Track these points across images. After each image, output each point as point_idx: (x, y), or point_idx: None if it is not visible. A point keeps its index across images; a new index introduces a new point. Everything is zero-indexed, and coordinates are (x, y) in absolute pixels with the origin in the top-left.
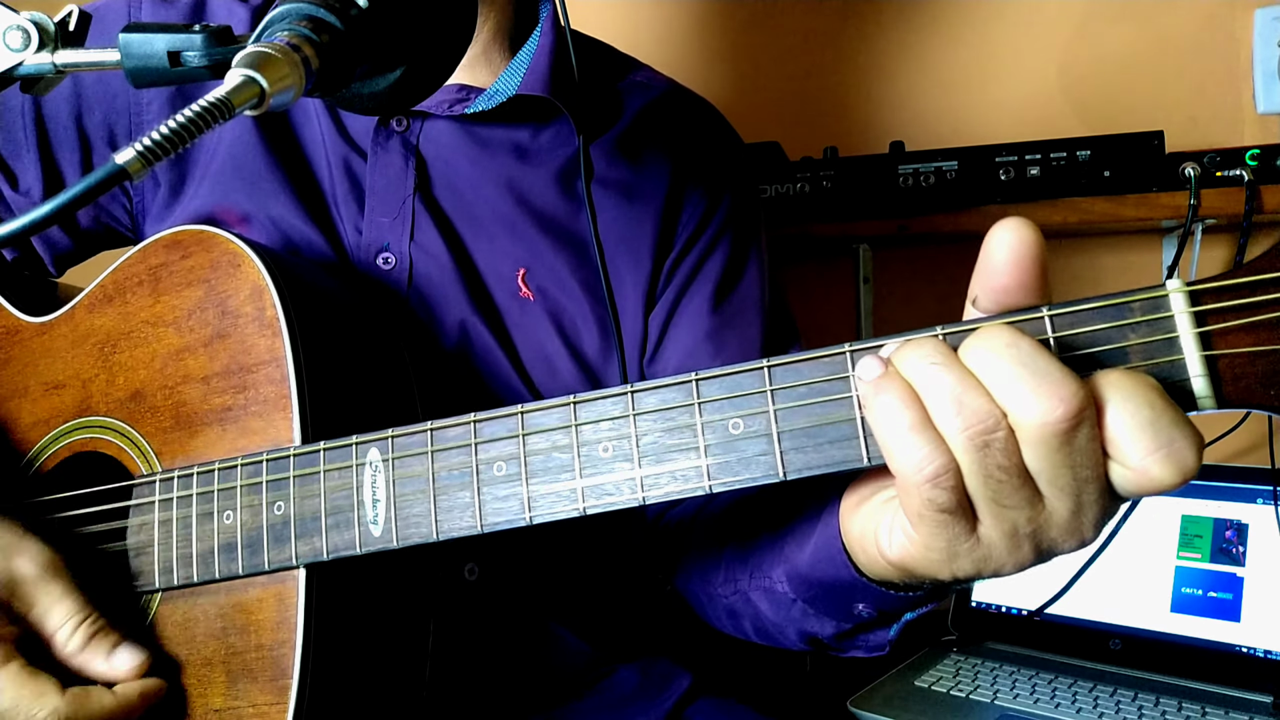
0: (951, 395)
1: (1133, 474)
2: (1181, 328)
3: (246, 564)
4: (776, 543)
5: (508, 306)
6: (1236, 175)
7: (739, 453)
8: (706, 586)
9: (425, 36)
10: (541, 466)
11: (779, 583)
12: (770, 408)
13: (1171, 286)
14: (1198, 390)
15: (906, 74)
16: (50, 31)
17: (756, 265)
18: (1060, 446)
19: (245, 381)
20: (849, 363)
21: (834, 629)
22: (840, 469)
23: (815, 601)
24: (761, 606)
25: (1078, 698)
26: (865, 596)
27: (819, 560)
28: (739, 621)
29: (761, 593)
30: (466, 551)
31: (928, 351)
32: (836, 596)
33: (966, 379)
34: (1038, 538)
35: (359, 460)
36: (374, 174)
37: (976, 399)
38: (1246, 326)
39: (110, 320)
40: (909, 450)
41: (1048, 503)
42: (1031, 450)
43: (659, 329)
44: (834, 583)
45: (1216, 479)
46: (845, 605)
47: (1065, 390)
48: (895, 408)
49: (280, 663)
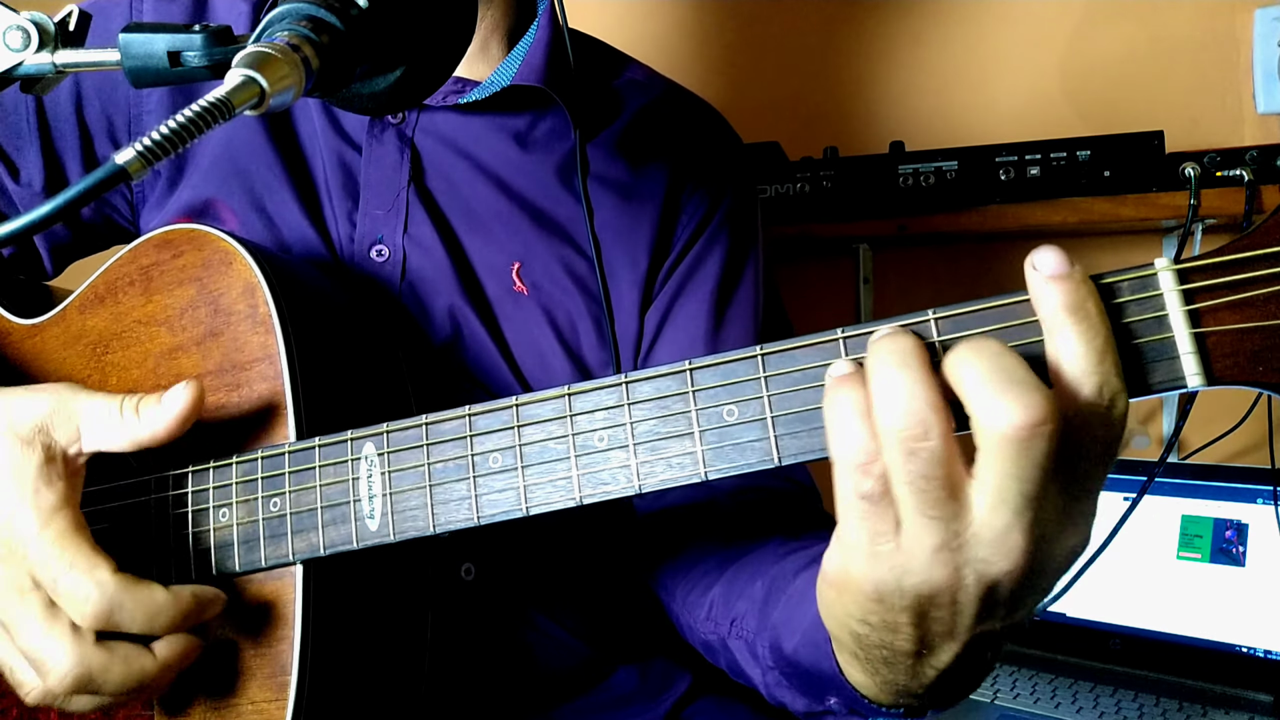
0: (890, 393)
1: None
2: (1170, 306)
3: (243, 561)
4: (764, 604)
5: (501, 300)
6: (1236, 175)
7: (733, 439)
8: (688, 616)
9: (425, 36)
10: (537, 457)
11: (760, 648)
12: (764, 394)
13: (1160, 265)
14: (1187, 368)
15: (906, 74)
16: (50, 31)
17: (753, 268)
18: (1016, 456)
19: (239, 379)
20: (842, 348)
21: (804, 707)
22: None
23: (791, 678)
24: (739, 657)
25: (1078, 698)
26: (839, 693)
27: (803, 645)
28: (714, 656)
29: (742, 644)
30: (463, 552)
31: (893, 348)
32: (812, 682)
33: (916, 384)
34: (964, 554)
35: (354, 455)
36: (369, 166)
37: (913, 403)
38: (1235, 304)
39: (102, 321)
40: (846, 436)
41: (976, 518)
42: (987, 456)
43: (654, 328)
44: (813, 671)
45: (1216, 479)
46: (819, 692)
47: (1031, 399)
48: (846, 398)
49: (279, 659)
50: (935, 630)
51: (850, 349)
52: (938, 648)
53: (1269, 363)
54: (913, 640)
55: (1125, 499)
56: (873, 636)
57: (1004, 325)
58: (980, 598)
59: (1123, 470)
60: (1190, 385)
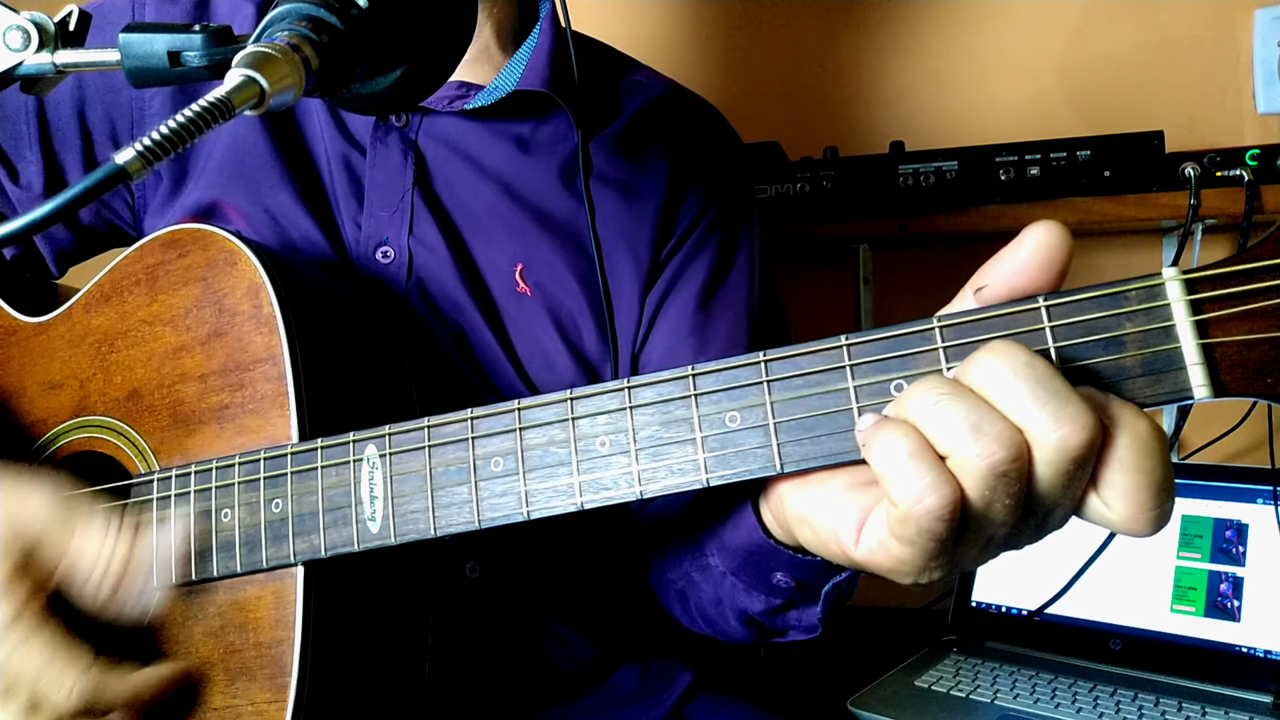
0: (968, 423)
1: (1114, 517)
2: (1178, 316)
3: (245, 562)
4: (716, 524)
5: (505, 302)
6: (1236, 175)
7: (736, 445)
8: (663, 574)
9: (425, 36)
10: (539, 461)
11: (711, 556)
12: (767, 400)
13: (1168, 275)
14: (1194, 379)
15: (906, 74)
16: (50, 31)
17: (745, 265)
18: (1069, 471)
19: (242, 379)
20: (845, 355)
21: (763, 604)
22: (837, 460)
23: (739, 573)
24: (702, 586)
25: (1078, 698)
26: (779, 563)
27: (736, 526)
28: (687, 605)
29: (700, 571)
30: (468, 550)
31: (931, 386)
32: (756, 564)
33: (981, 405)
34: (995, 543)
35: (356, 457)
36: (373, 169)
37: (996, 424)
38: (1244, 314)
39: (107, 320)
40: (909, 478)
41: (1025, 518)
42: (1040, 472)
43: (648, 321)
44: (749, 547)
45: (1216, 479)
46: (765, 574)
47: (1086, 418)
48: (894, 439)
49: (279, 660)
50: (936, 575)
51: (854, 355)
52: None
53: (1276, 375)
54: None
55: None
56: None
57: (1011, 333)
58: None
59: None
60: (1197, 397)
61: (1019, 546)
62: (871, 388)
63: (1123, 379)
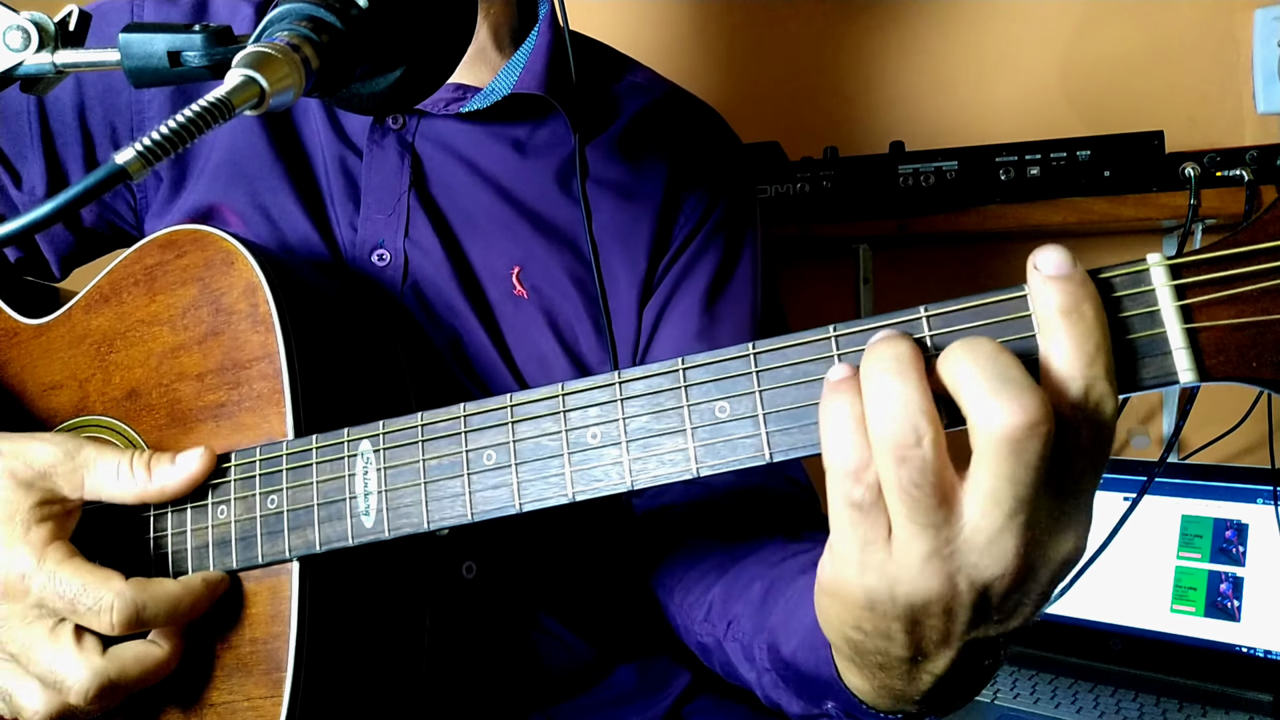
0: (883, 400)
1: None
2: (1163, 301)
3: (241, 557)
4: (762, 606)
5: (502, 304)
6: (1236, 175)
7: (725, 435)
8: (684, 618)
9: (425, 36)
10: (531, 454)
11: (757, 650)
12: (756, 390)
13: (1152, 260)
14: (1180, 364)
15: (906, 74)
16: (50, 31)
17: (749, 268)
18: (1011, 456)
19: (239, 378)
20: (834, 345)
21: (801, 710)
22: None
23: (788, 681)
24: (734, 659)
25: (1078, 698)
26: (837, 698)
27: (801, 648)
28: (709, 658)
29: (738, 646)
30: (465, 549)
31: (887, 353)
32: (810, 686)
33: (909, 390)
34: (956, 561)
35: (351, 453)
36: (369, 171)
37: (906, 408)
38: (1228, 299)
39: (107, 320)
40: (839, 444)
41: (968, 523)
42: (982, 458)
43: (650, 326)
44: (811, 675)
45: (1216, 479)
46: (817, 696)
47: (1027, 399)
48: (840, 404)
49: (274, 656)
50: (929, 637)
51: (842, 346)
52: (933, 654)
53: (1261, 358)
54: (907, 647)
55: (1125, 499)
56: (867, 643)
57: (995, 321)
58: (973, 604)
59: (1123, 470)
60: (1182, 381)
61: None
62: None
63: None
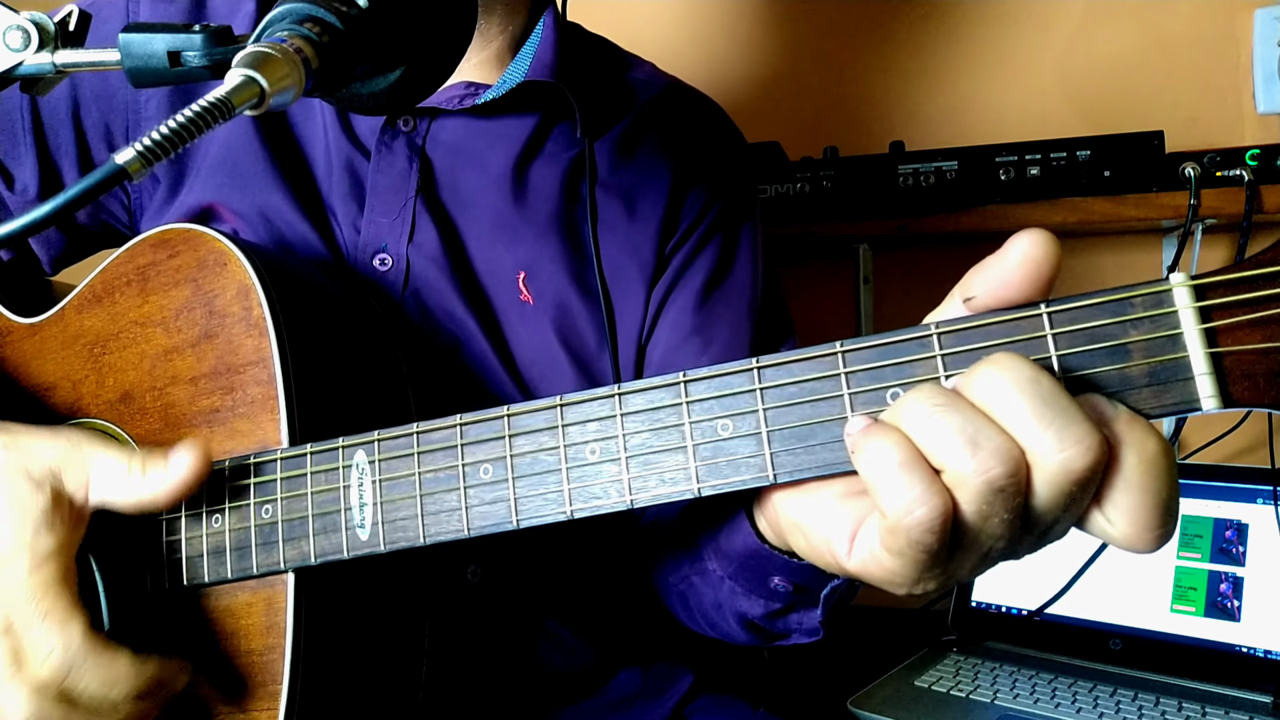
0: (964, 436)
1: (1117, 534)
2: (1186, 324)
3: (234, 568)
4: (713, 529)
5: (506, 310)
6: (1236, 175)
7: (728, 454)
8: (665, 577)
9: (425, 36)
10: (528, 469)
11: (709, 561)
12: (760, 408)
13: (1175, 280)
14: (1202, 390)
15: (906, 74)
16: (50, 31)
17: (749, 264)
18: (1071, 492)
19: (233, 383)
20: (840, 362)
21: (763, 608)
22: (831, 471)
23: (737, 577)
24: (702, 589)
25: (1078, 698)
26: (775, 568)
27: (732, 532)
28: (689, 608)
29: (699, 575)
30: (469, 553)
31: (927, 395)
32: (752, 569)
33: (978, 418)
34: (993, 556)
35: (346, 463)
36: (376, 173)
37: (994, 439)
38: (1254, 322)
39: (99, 321)
40: (898, 489)
41: (1022, 533)
42: (1040, 491)
43: (650, 321)
44: (745, 553)
45: (1216, 479)
46: (763, 579)
47: (1091, 439)
48: (884, 447)
49: (270, 668)
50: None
51: (848, 362)
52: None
53: None
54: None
55: None
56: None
57: (1010, 340)
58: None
59: None
60: (1205, 409)
61: (1018, 557)
62: (867, 396)
63: (1127, 389)
